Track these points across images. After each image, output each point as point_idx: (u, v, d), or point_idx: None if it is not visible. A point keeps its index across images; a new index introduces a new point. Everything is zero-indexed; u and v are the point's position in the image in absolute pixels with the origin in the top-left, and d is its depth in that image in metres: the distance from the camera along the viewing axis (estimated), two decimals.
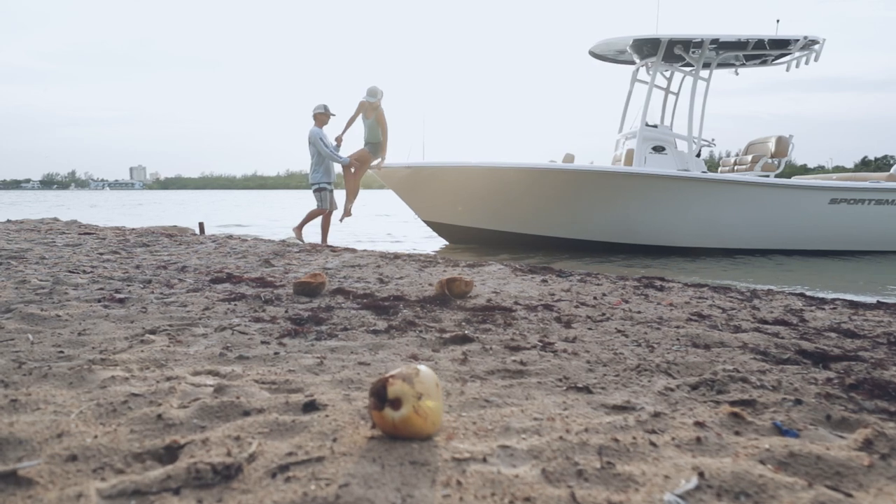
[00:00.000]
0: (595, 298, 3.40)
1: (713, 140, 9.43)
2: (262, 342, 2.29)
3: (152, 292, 3.46)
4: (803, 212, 8.53)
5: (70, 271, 4.24)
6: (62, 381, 1.69)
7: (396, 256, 5.40)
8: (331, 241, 8.33)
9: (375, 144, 8.35)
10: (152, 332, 2.43)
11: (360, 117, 8.41)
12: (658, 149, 8.74)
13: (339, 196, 8.59)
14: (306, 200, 8.84)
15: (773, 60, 9.35)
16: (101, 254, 5.61)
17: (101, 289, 3.52)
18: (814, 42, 8.73)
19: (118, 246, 6.30)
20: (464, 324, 2.67)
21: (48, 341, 2.24)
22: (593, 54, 9.74)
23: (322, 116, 8.16)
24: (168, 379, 1.74)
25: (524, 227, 8.83)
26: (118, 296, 3.26)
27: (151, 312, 2.84)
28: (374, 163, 8.56)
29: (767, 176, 8.86)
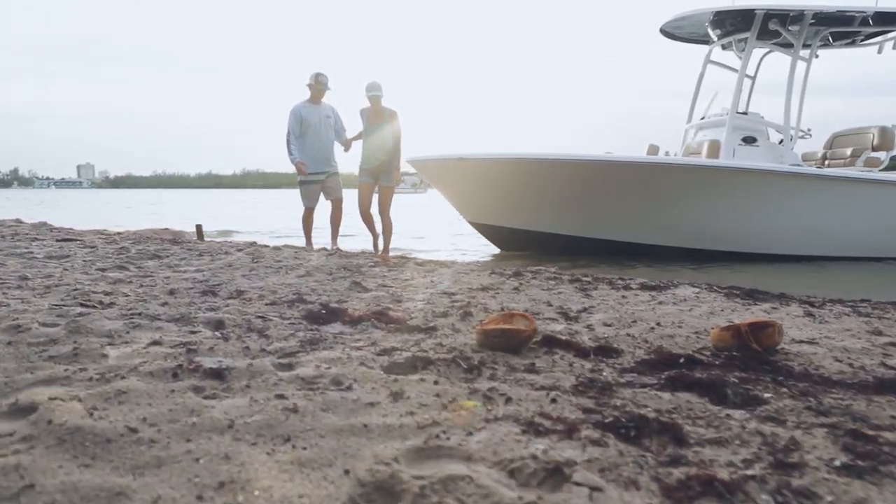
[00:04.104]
0: None
1: (809, 130, 8.32)
2: None
3: (247, 348, 2.07)
4: None
5: (83, 305, 2.78)
6: None
7: (519, 273, 4.05)
8: (340, 244, 6.59)
9: (385, 162, 6.19)
10: (392, 494, 1.06)
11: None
12: (748, 140, 7.56)
13: (347, 194, 6.74)
14: (279, 199, 6.82)
15: (862, 40, 8.29)
16: (103, 270, 4.13)
17: (156, 343, 2.10)
18: None
19: (119, 258, 4.80)
20: None
21: None
22: (665, 32, 8.51)
23: (313, 89, 6.16)
24: None
25: (596, 230, 7.46)
26: (205, 363, 1.85)
27: (305, 411, 1.46)
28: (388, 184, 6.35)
29: (871, 171, 7.79)
